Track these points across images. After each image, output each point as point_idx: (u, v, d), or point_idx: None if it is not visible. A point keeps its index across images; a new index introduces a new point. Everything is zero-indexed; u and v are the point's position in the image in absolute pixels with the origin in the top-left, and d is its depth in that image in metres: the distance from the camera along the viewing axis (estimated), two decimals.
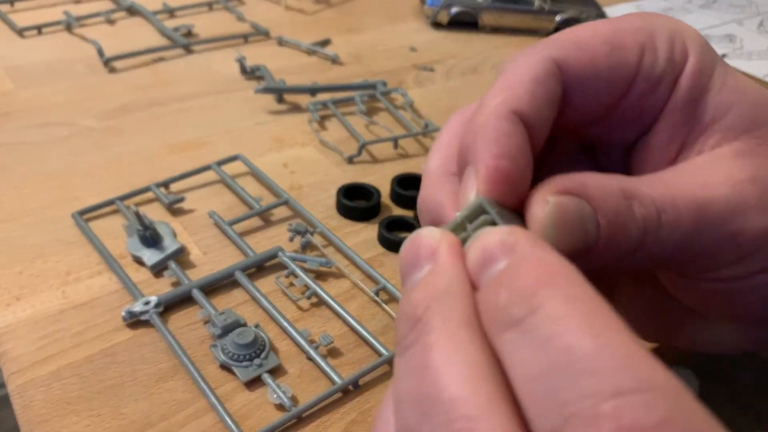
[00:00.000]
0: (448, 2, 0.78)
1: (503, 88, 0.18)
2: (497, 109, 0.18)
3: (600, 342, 0.12)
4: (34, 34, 0.68)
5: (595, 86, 0.19)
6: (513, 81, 0.18)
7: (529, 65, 0.19)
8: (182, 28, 0.71)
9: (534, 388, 0.12)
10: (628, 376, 0.11)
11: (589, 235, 0.17)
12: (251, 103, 0.60)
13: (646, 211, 0.17)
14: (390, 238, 0.44)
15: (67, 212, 0.44)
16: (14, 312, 0.37)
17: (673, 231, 0.17)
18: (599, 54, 0.19)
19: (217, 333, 0.36)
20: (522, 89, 0.18)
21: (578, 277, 0.13)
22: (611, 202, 0.17)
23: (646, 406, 0.11)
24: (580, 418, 0.11)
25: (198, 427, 0.32)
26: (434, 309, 0.14)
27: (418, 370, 0.13)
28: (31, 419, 0.32)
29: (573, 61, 0.19)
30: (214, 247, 0.43)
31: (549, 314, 0.12)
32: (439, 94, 0.66)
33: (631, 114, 0.20)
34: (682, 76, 0.19)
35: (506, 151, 0.17)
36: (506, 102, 0.18)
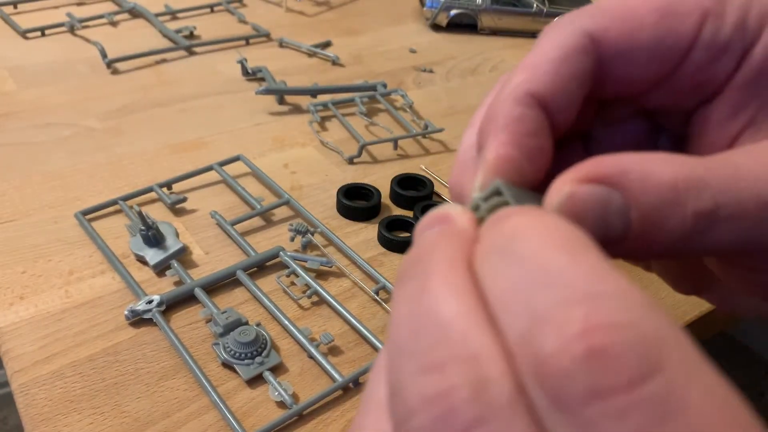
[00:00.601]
0: (448, 4, 0.79)
1: (525, 67, 0.18)
2: (513, 92, 0.17)
3: (575, 259, 0.12)
4: (38, 35, 0.68)
5: (637, 58, 0.18)
6: (536, 59, 0.18)
7: (557, 40, 0.18)
8: (184, 30, 0.71)
9: (507, 298, 0.12)
10: (600, 284, 0.12)
11: (612, 230, 0.15)
12: (252, 104, 0.60)
13: (698, 205, 0.15)
14: (390, 237, 0.44)
15: (69, 212, 0.45)
16: (17, 311, 0.37)
17: (731, 228, 0.15)
18: (646, 23, 0.17)
19: (219, 331, 0.36)
20: (543, 68, 0.17)
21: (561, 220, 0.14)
22: (652, 195, 0.15)
23: (615, 309, 0.11)
24: (549, 322, 0.11)
25: (200, 424, 0.33)
26: (440, 247, 0.14)
27: (416, 294, 0.14)
28: (34, 417, 0.32)
29: (612, 32, 0.17)
30: (215, 246, 0.44)
31: (528, 238, 0.13)
32: (439, 95, 0.66)
33: (688, 84, 0.18)
34: (757, 46, 0.17)
35: (514, 137, 0.17)
36: (524, 83, 0.17)
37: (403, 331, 0.13)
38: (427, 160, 0.55)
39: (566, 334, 0.11)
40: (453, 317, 0.13)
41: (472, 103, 0.65)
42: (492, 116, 0.17)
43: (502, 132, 0.17)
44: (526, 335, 0.12)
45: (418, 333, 0.13)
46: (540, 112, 0.17)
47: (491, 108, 0.18)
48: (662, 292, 0.44)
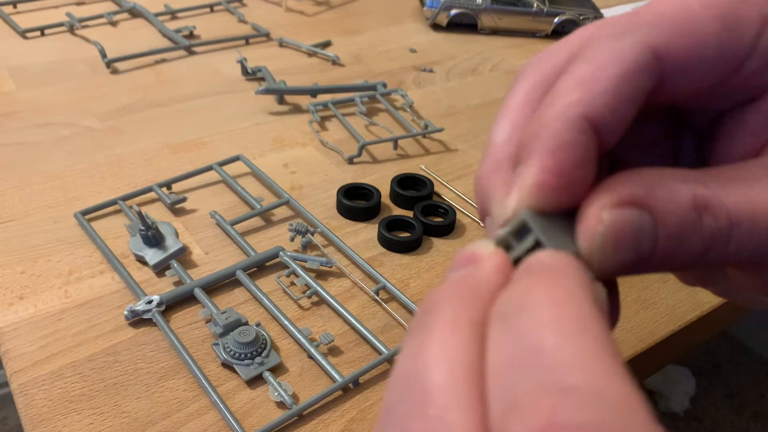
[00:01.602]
0: (448, 4, 0.79)
1: (581, 82, 0.16)
2: (567, 111, 0.16)
3: (565, 341, 0.12)
4: (37, 35, 0.68)
5: (699, 71, 0.16)
6: (595, 75, 0.16)
7: (618, 55, 0.16)
8: (184, 30, 0.71)
9: (498, 373, 0.12)
10: (578, 375, 0.11)
11: (643, 250, 0.15)
12: (252, 104, 0.60)
13: (716, 225, 0.15)
14: (390, 237, 0.44)
15: (68, 212, 0.45)
16: (17, 311, 0.37)
17: (745, 245, 0.16)
18: (709, 34, 0.16)
19: (219, 332, 0.36)
20: (602, 87, 0.16)
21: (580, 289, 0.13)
22: (677, 216, 0.15)
23: (583, 407, 0.11)
24: (520, 409, 0.11)
25: (200, 425, 0.32)
26: (450, 302, 0.14)
27: (414, 351, 0.14)
28: (33, 417, 0.32)
29: (675, 47, 0.16)
30: (215, 246, 0.44)
31: (531, 311, 0.13)
32: (439, 95, 0.66)
33: (736, 90, 0.18)
34: None
35: (561, 166, 0.15)
36: (579, 104, 0.16)
37: (394, 388, 0.14)
38: (427, 160, 0.55)
39: (529, 426, 0.11)
40: (437, 388, 0.13)
41: (472, 103, 0.65)
42: (539, 133, 0.16)
43: (549, 157, 0.15)
44: (501, 418, 0.12)
45: (404, 396, 0.13)
46: (592, 139, 0.16)
47: (538, 122, 0.16)
48: (662, 293, 0.44)
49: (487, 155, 0.18)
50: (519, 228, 0.16)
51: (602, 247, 0.15)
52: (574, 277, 0.14)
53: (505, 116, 0.18)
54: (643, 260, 0.16)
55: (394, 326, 0.39)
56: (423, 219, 0.46)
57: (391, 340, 0.38)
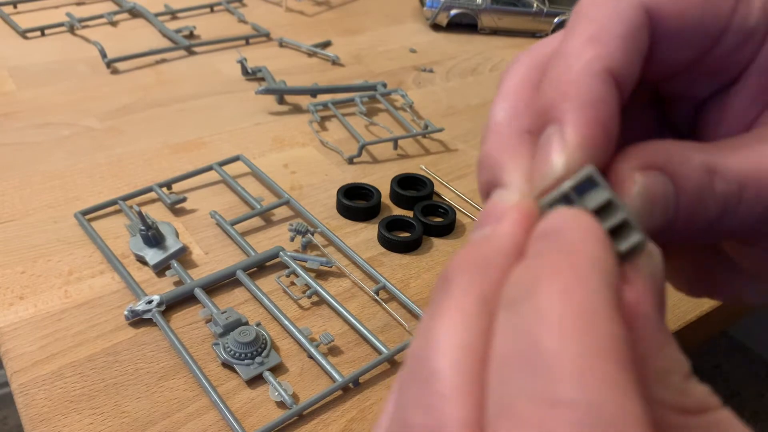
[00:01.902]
0: (448, 4, 0.79)
1: (593, 39, 0.16)
2: (590, 66, 0.16)
3: (566, 345, 0.11)
4: (37, 35, 0.68)
5: (684, 39, 0.17)
6: (603, 31, 0.16)
7: (619, 13, 0.16)
8: (184, 30, 0.71)
9: (496, 370, 0.12)
10: (573, 387, 0.11)
11: (669, 214, 0.16)
12: (252, 104, 0.60)
13: (727, 187, 0.16)
14: (390, 237, 0.44)
15: (69, 212, 0.45)
16: (17, 311, 0.37)
17: (754, 206, 0.16)
18: (693, 2, 0.17)
19: (219, 331, 0.36)
20: (614, 44, 0.16)
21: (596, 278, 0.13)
22: (694, 180, 0.16)
23: (572, 424, 0.11)
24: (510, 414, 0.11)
25: (200, 424, 0.33)
26: (463, 277, 0.14)
27: (424, 331, 0.13)
28: (33, 417, 0.32)
29: (665, 9, 0.17)
30: (215, 246, 0.44)
31: (536, 302, 0.12)
32: (439, 95, 0.66)
33: (714, 69, 0.18)
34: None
35: (601, 118, 0.15)
36: (599, 58, 0.16)
37: (406, 366, 0.13)
38: (427, 160, 0.55)
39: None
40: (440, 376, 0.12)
41: (472, 102, 0.65)
42: (568, 90, 0.16)
43: (589, 110, 0.15)
44: (492, 418, 0.12)
45: (411, 380, 0.13)
46: (617, 92, 0.16)
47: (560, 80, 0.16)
48: None
49: (491, 133, 0.18)
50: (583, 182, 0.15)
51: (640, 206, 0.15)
52: (592, 255, 0.13)
53: (503, 98, 0.18)
54: (668, 225, 0.16)
55: (394, 326, 0.39)
56: (423, 219, 0.46)
57: (391, 340, 0.38)
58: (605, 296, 0.12)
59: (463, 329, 0.13)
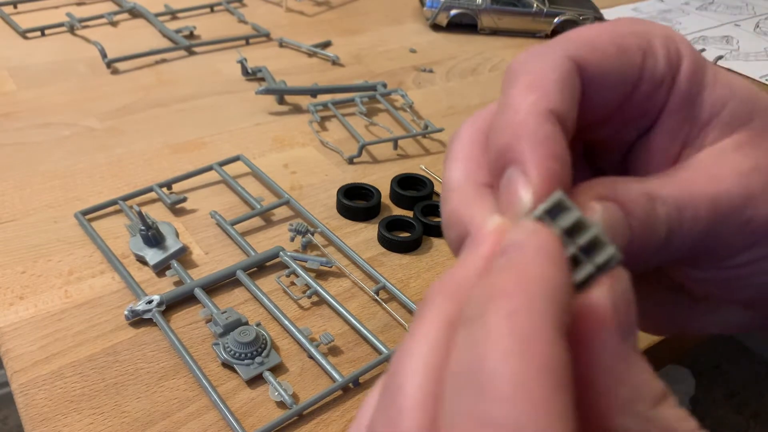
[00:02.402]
0: (448, 4, 0.79)
1: (532, 86, 0.17)
2: (535, 109, 0.17)
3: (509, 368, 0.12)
4: (37, 35, 0.68)
5: (606, 87, 0.19)
6: (540, 80, 0.17)
7: (551, 64, 0.18)
8: (184, 30, 0.71)
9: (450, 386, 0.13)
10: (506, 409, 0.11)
11: (625, 239, 0.17)
12: (252, 104, 0.60)
13: (668, 210, 0.18)
14: (390, 237, 0.44)
15: (69, 212, 0.45)
16: (17, 311, 0.37)
17: (693, 226, 0.18)
18: (610, 54, 0.19)
19: (219, 331, 0.36)
20: (552, 88, 0.17)
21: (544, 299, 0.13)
22: (639, 205, 0.17)
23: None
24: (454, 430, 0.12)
25: (200, 424, 0.33)
26: (435, 300, 0.15)
27: (401, 348, 0.15)
28: (33, 417, 0.32)
29: (587, 60, 0.18)
30: (215, 246, 0.44)
31: (487, 324, 0.13)
32: (439, 95, 0.66)
33: (634, 115, 0.20)
34: (679, 77, 0.20)
35: (554, 153, 0.16)
36: (541, 101, 0.17)
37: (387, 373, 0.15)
38: (427, 160, 0.55)
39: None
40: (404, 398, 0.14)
41: (472, 103, 0.65)
42: (519, 133, 0.17)
43: (542, 147, 0.16)
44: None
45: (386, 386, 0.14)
46: (563, 133, 0.17)
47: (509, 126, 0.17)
48: None
49: (451, 193, 0.19)
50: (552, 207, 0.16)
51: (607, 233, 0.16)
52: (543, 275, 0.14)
53: (455, 160, 0.20)
54: (627, 249, 0.17)
55: (394, 326, 0.39)
56: (423, 219, 0.46)
57: (391, 340, 0.38)
58: (550, 318, 0.13)
59: (428, 349, 0.14)
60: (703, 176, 0.19)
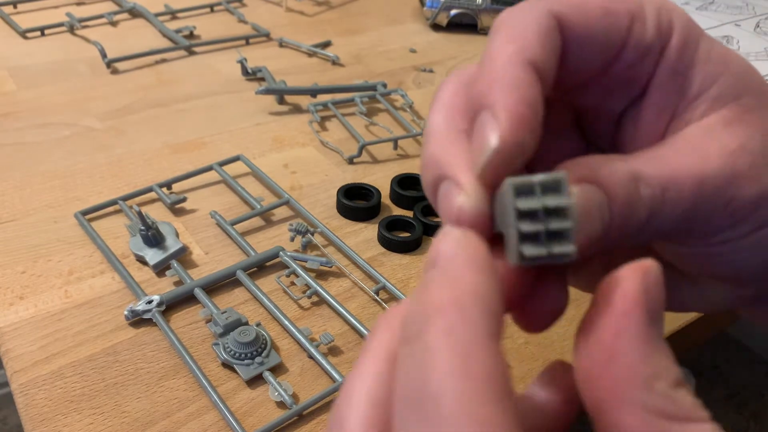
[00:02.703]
0: (448, 4, 0.79)
1: (512, 38, 0.18)
2: (512, 58, 0.17)
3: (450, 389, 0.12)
4: (37, 35, 0.68)
5: (588, 47, 0.19)
6: (521, 32, 0.18)
7: (533, 18, 0.18)
8: (184, 30, 0.71)
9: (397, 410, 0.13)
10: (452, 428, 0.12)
11: (606, 221, 0.17)
12: (252, 104, 0.60)
13: (651, 191, 0.18)
14: (390, 237, 0.44)
15: (69, 212, 0.45)
16: (17, 311, 0.37)
17: (676, 207, 0.18)
18: (594, 16, 0.19)
19: (219, 332, 0.36)
20: (531, 39, 0.18)
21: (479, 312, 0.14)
22: (622, 187, 0.17)
23: None
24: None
25: (200, 424, 0.33)
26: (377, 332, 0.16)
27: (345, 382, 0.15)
28: (33, 417, 0.32)
29: (570, 18, 0.18)
30: (215, 246, 0.44)
31: (427, 343, 0.13)
32: None
33: (620, 82, 0.20)
34: (668, 48, 0.19)
35: (527, 98, 0.16)
36: (520, 51, 0.17)
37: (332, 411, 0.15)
38: None
39: None
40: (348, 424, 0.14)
41: None
42: (494, 79, 0.17)
43: (515, 91, 0.17)
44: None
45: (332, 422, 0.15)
46: (538, 79, 0.17)
47: (487, 74, 0.17)
48: None
49: (431, 137, 0.19)
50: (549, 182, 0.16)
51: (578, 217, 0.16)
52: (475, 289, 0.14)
53: (438, 108, 0.20)
54: (605, 232, 0.17)
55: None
56: (423, 219, 0.46)
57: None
58: (485, 330, 0.13)
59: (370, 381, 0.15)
60: (689, 154, 0.18)
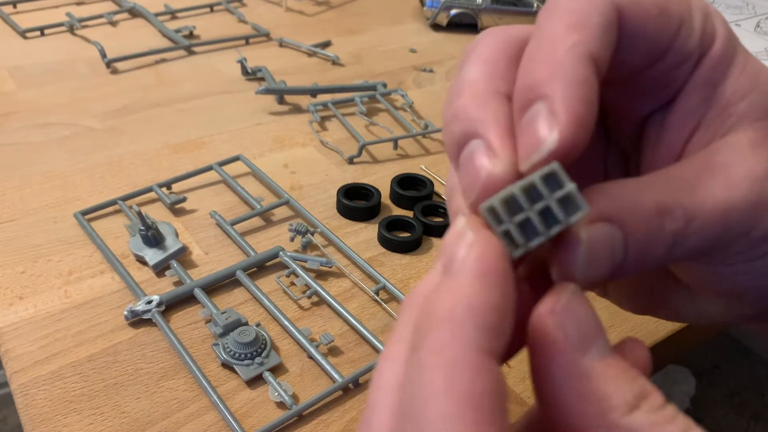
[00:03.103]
0: (448, 4, 0.79)
1: (575, 26, 0.16)
2: (574, 50, 0.16)
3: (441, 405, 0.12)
4: (37, 35, 0.68)
5: (637, 46, 0.18)
6: (584, 21, 0.16)
7: (597, 6, 0.17)
8: (184, 30, 0.71)
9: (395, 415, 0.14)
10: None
11: (616, 260, 0.17)
12: (252, 104, 0.60)
13: (676, 226, 0.17)
14: (390, 237, 0.44)
15: (69, 212, 0.45)
16: (16, 311, 0.37)
17: (700, 238, 0.17)
18: (651, 14, 0.18)
19: (219, 332, 0.36)
20: (594, 32, 0.16)
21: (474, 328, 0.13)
22: (644, 225, 0.17)
23: None
24: None
25: (199, 425, 0.32)
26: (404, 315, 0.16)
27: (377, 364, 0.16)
28: (33, 417, 0.32)
29: (628, 12, 0.17)
30: (215, 246, 0.44)
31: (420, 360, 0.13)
32: (439, 95, 0.66)
33: (654, 85, 0.19)
34: (707, 57, 0.19)
35: (588, 98, 0.16)
36: (582, 44, 0.16)
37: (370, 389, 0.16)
38: (427, 160, 0.55)
39: None
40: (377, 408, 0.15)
41: None
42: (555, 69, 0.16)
43: (577, 89, 0.16)
44: None
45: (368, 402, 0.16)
46: (597, 78, 0.16)
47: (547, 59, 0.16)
48: None
49: (465, 88, 0.18)
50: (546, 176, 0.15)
51: (582, 264, 0.16)
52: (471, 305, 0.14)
53: (477, 61, 0.18)
54: (615, 270, 0.17)
55: (395, 326, 0.39)
56: (423, 219, 0.46)
57: None
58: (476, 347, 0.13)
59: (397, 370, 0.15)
60: (716, 179, 0.18)
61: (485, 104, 0.17)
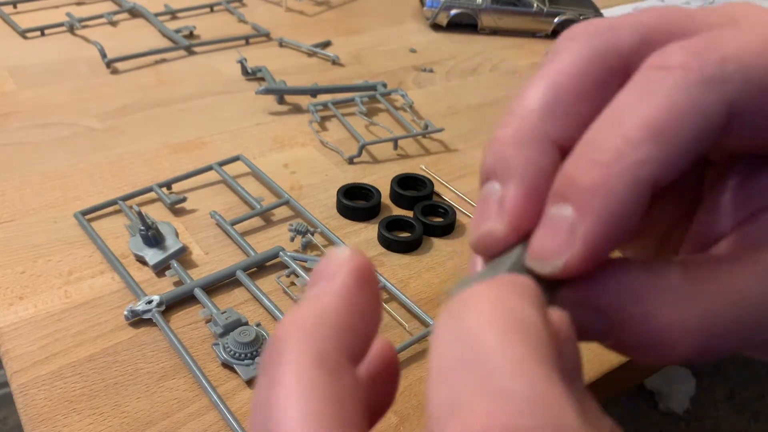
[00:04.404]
0: (448, 4, 0.79)
1: (655, 133, 0.14)
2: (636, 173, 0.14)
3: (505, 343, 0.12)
4: (37, 35, 0.68)
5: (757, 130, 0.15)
6: (671, 126, 0.14)
7: (698, 106, 0.14)
8: (184, 30, 0.71)
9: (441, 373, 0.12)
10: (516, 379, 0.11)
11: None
12: (252, 104, 0.60)
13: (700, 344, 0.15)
14: (390, 238, 0.44)
15: (69, 212, 0.45)
16: (16, 311, 0.37)
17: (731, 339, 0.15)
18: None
19: (219, 332, 0.36)
20: (677, 147, 0.14)
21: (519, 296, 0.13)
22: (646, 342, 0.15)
23: (520, 413, 0.11)
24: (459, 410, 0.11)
25: (200, 425, 0.32)
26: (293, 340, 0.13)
27: (263, 404, 0.13)
28: (33, 417, 0.32)
29: (750, 107, 0.14)
30: (215, 246, 0.44)
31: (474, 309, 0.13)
32: (439, 95, 0.66)
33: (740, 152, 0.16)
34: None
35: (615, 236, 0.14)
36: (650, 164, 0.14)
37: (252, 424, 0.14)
38: (427, 160, 0.55)
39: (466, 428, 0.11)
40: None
41: (472, 102, 0.65)
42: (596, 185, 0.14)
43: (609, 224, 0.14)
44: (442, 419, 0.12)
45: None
46: (648, 201, 0.14)
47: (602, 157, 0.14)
48: None
49: (515, 118, 0.16)
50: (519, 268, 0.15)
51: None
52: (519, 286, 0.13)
53: (548, 85, 0.15)
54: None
55: (394, 326, 0.39)
56: (423, 219, 0.46)
57: (390, 340, 0.38)
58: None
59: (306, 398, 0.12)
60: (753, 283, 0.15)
61: (524, 147, 0.15)
